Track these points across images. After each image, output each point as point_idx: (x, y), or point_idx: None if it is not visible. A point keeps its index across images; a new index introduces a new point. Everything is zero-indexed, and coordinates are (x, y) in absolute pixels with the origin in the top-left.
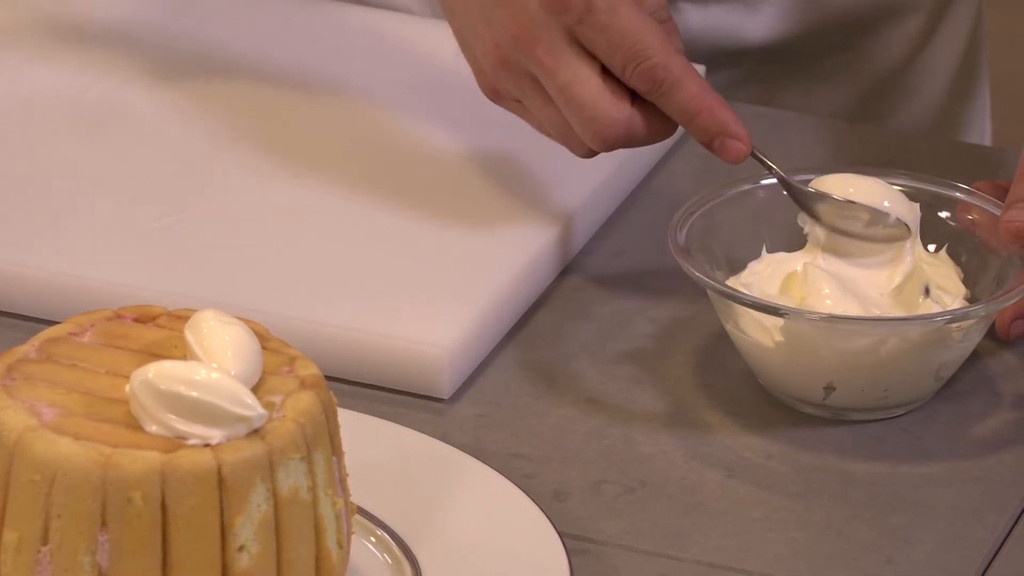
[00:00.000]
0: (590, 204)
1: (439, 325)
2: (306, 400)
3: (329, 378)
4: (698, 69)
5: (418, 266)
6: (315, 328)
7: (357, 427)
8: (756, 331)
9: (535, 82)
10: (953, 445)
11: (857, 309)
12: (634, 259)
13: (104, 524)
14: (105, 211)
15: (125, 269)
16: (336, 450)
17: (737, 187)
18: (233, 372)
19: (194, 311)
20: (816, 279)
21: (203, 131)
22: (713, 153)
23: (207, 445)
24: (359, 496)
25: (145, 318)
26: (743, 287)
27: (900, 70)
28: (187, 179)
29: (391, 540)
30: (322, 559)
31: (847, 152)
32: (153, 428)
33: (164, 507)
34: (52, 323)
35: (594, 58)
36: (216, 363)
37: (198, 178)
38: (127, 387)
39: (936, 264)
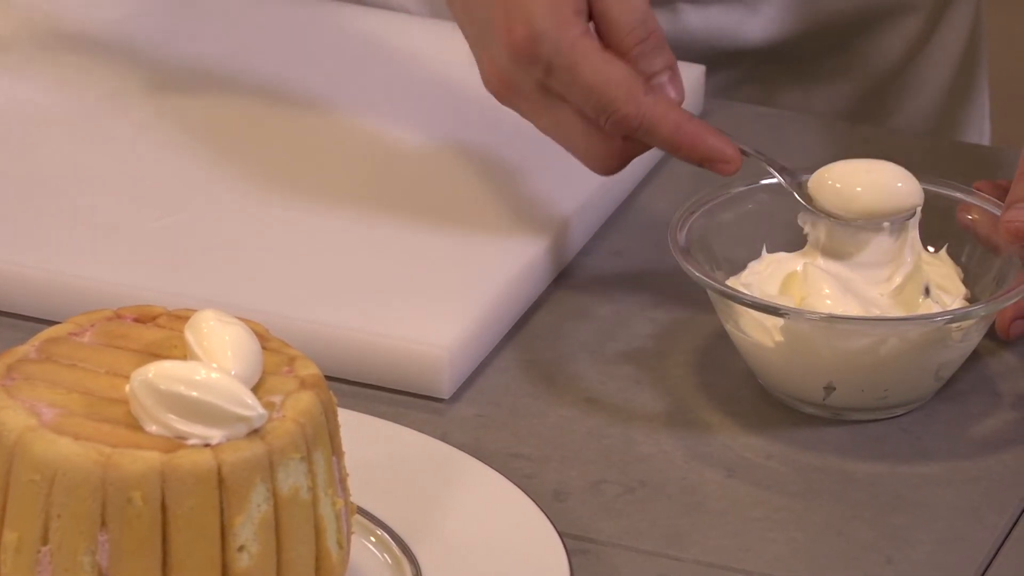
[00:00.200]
0: (589, 204)
1: (439, 325)
2: (306, 400)
3: (329, 378)
4: (698, 69)
5: (418, 266)
6: (315, 328)
7: (357, 427)
8: (756, 331)
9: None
10: (953, 445)
11: (857, 309)
12: (634, 259)
13: (104, 524)
14: (105, 211)
15: (125, 269)
16: (336, 450)
17: (737, 187)
18: (233, 372)
19: (194, 311)
20: (816, 279)
21: (204, 132)
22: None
23: (207, 445)
24: (359, 496)
25: (145, 318)
26: (743, 287)
27: (899, 70)
28: (187, 179)
29: (391, 540)
30: (322, 559)
31: (847, 152)
32: (153, 428)
33: (164, 507)
34: (52, 323)
35: None
36: (216, 363)
37: (198, 178)
38: (127, 387)
39: (936, 264)
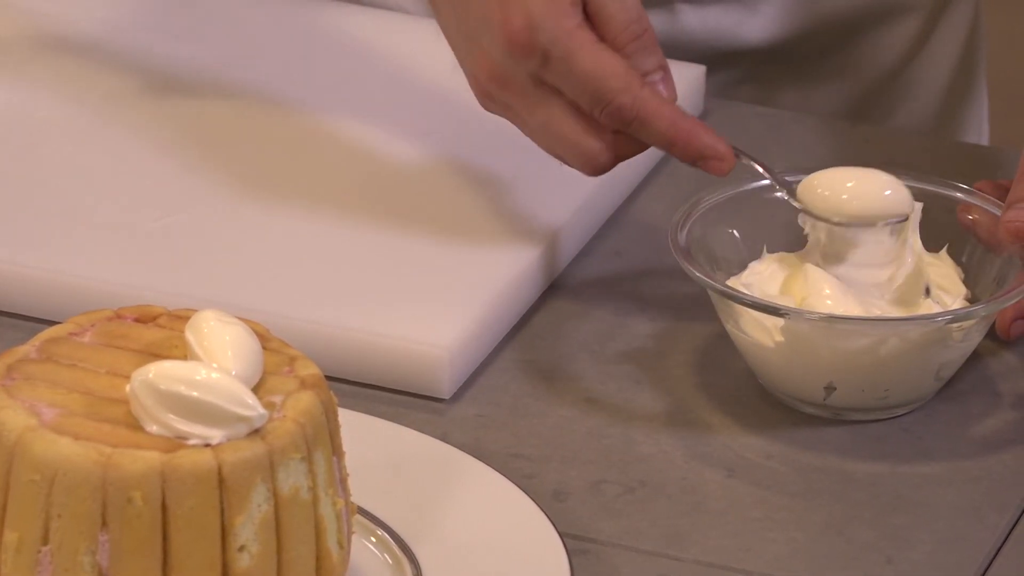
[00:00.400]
0: (589, 205)
1: (439, 325)
2: (306, 400)
3: (329, 378)
4: (698, 69)
5: (419, 267)
6: (315, 328)
7: (357, 427)
8: (756, 331)
9: (518, 113)
10: (953, 445)
11: (857, 309)
12: (634, 259)
13: (104, 524)
14: (105, 211)
15: (125, 269)
16: (336, 450)
17: (737, 187)
18: (233, 372)
19: (194, 311)
20: (816, 279)
21: (204, 132)
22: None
23: (207, 445)
24: (359, 496)
25: (145, 318)
26: (743, 287)
27: (898, 71)
28: (187, 179)
29: (391, 540)
30: (322, 559)
31: (847, 152)
32: (153, 428)
33: (164, 507)
34: (52, 323)
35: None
36: (216, 363)
37: (199, 178)
38: (127, 387)
39: (936, 264)
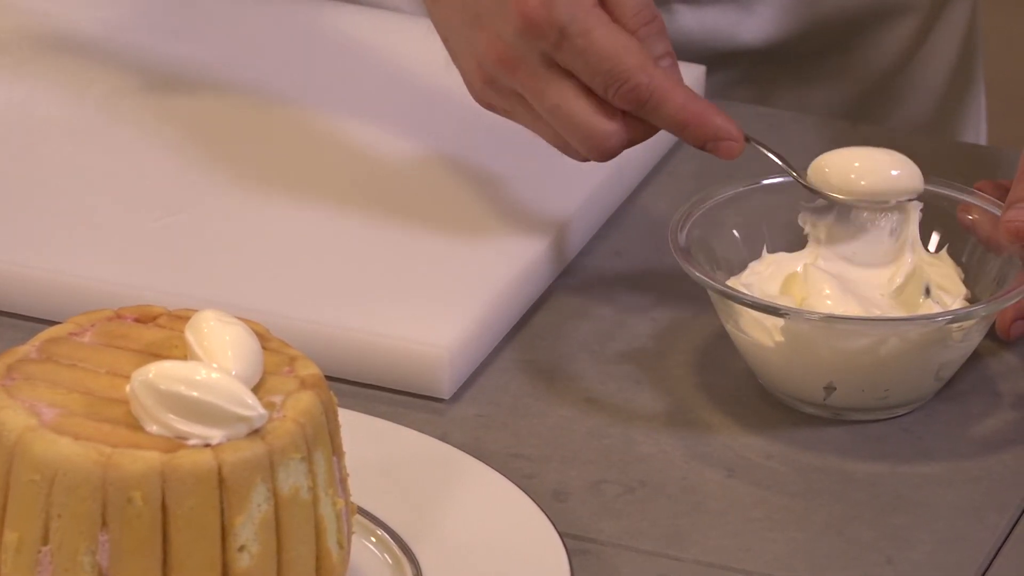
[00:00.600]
0: (589, 204)
1: (439, 325)
2: (306, 400)
3: (329, 378)
4: (698, 69)
5: (418, 266)
6: (315, 328)
7: (357, 427)
8: (756, 331)
9: (523, 99)
10: (953, 445)
11: (857, 309)
12: (634, 259)
13: (104, 524)
14: (105, 211)
15: (125, 269)
16: (336, 450)
17: (737, 187)
18: (233, 372)
19: (194, 311)
20: (816, 279)
21: (204, 132)
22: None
23: (207, 445)
24: (359, 496)
25: (145, 318)
26: (743, 287)
27: (895, 72)
28: (187, 179)
29: (391, 540)
30: (322, 559)
31: None
32: (153, 428)
33: (164, 507)
34: (52, 323)
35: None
36: (216, 363)
37: (199, 178)
38: (127, 387)
39: (936, 264)
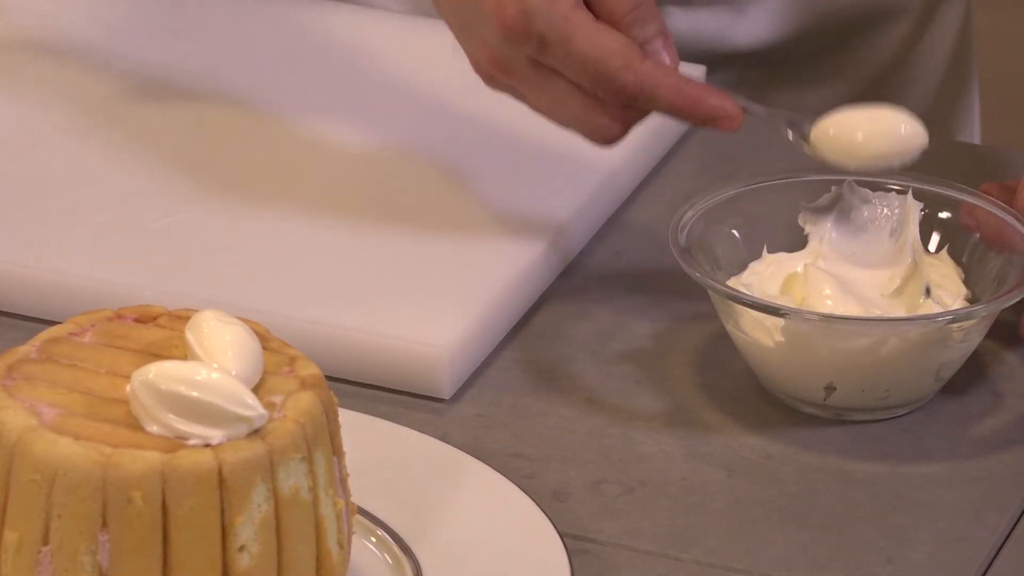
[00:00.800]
0: (590, 204)
1: (439, 325)
2: (306, 400)
3: (329, 378)
4: (698, 70)
5: (419, 267)
6: (315, 328)
7: (357, 427)
8: (756, 331)
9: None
10: (954, 445)
11: (857, 309)
12: (634, 259)
13: (104, 524)
14: (105, 211)
15: (125, 269)
16: (337, 450)
17: (737, 187)
18: (234, 372)
19: (194, 311)
20: (817, 279)
21: (204, 132)
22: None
23: (207, 445)
24: (359, 496)
25: (145, 318)
26: (743, 287)
27: (889, 74)
28: (187, 179)
29: (391, 540)
30: (323, 559)
31: None
32: (154, 428)
33: (164, 507)
34: (52, 323)
35: None
36: (217, 363)
37: (198, 178)
38: (127, 387)
39: (936, 264)
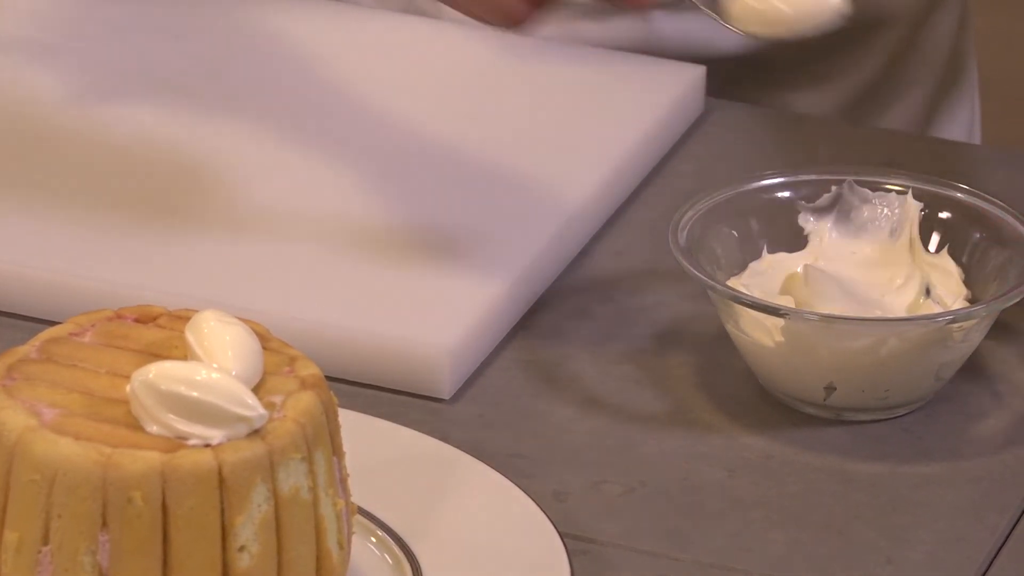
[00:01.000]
0: (590, 204)
1: (439, 325)
2: (306, 400)
3: (329, 378)
4: (699, 70)
5: (419, 267)
6: (315, 328)
7: (357, 427)
8: (756, 331)
9: None
10: (954, 445)
11: (857, 309)
12: (634, 259)
13: (104, 524)
14: (105, 211)
15: (125, 269)
16: (337, 450)
17: (737, 187)
18: (234, 372)
19: (194, 311)
20: (817, 279)
21: (204, 131)
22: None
23: (207, 445)
24: (359, 496)
25: (145, 318)
26: (743, 287)
27: (881, 80)
28: (187, 179)
29: (391, 540)
30: (323, 559)
31: (847, 152)
32: (154, 428)
33: (164, 507)
34: (52, 323)
35: None
36: (217, 363)
37: (198, 178)
38: (127, 387)
39: (936, 264)
